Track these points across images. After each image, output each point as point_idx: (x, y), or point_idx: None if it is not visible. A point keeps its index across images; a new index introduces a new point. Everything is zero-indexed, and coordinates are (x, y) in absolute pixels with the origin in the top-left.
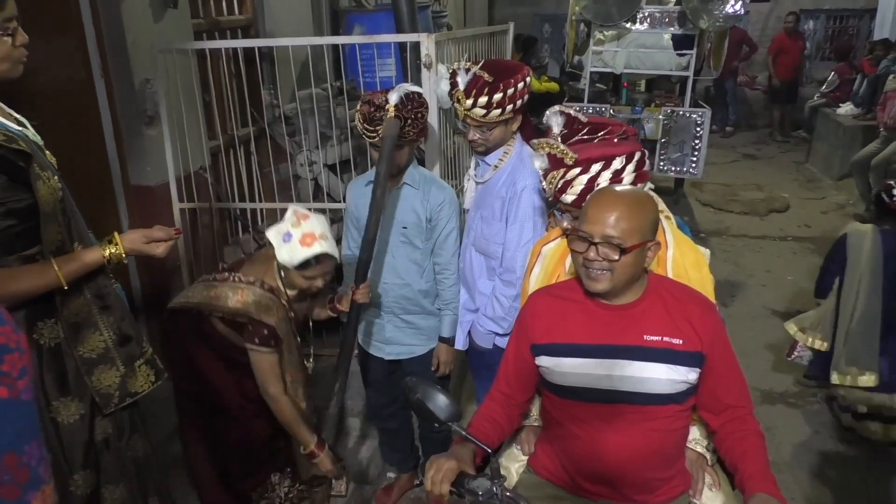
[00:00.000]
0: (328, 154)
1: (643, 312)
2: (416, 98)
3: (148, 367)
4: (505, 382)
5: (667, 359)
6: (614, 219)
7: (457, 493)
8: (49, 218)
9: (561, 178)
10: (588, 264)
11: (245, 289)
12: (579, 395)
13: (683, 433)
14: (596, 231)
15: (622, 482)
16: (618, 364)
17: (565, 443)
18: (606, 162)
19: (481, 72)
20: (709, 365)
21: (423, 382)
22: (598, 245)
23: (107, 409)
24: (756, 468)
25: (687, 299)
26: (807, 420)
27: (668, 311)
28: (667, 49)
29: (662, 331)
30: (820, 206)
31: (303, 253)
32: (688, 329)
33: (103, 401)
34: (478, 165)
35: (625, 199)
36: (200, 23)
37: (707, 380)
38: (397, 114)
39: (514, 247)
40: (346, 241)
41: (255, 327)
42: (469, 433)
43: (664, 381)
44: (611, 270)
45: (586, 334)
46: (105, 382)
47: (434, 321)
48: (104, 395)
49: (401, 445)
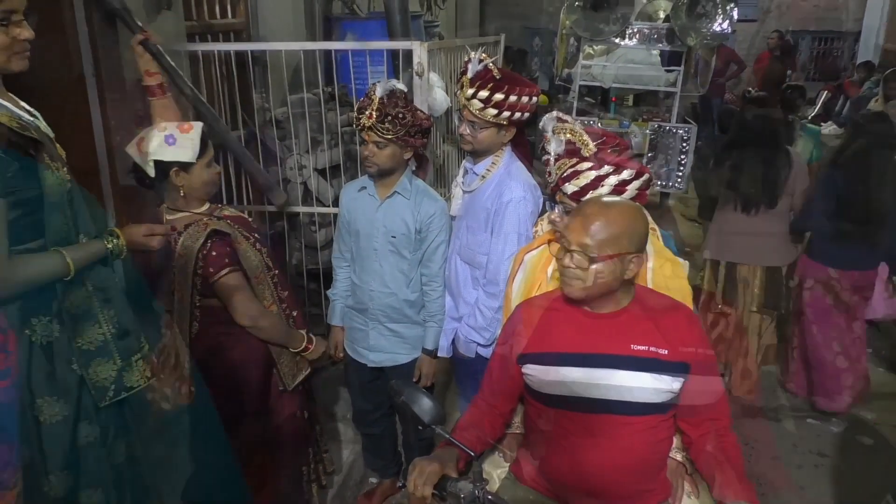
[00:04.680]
0: (318, 158)
1: (630, 322)
2: (401, 96)
3: (144, 363)
4: (489, 392)
5: (653, 368)
6: (592, 228)
7: (439, 496)
8: (54, 208)
9: (571, 166)
10: (563, 270)
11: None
12: (566, 403)
13: (666, 445)
14: (573, 238)
15: (604, 492)
16: (604, 373)
17: (548, 451)
18: (618, 168)
19: (493, 66)
20: (691, 376)
21: (408, 385)
22: (572, 252)
23: (101, 403)
24: (734, 476)
25: (672, 310)
26: (785, 434)
27: (655, 321)
28: (655, 65)
29: (649, 340)
30: None
31: (196, 134)
32: (673, 339)
33: (98, 394)
34: (466, 173)
35: (608, 209)
36: (193, 25)
37: (688, 390)
38: (380, 107)
39: (497, 259)
40: (338, 246)
41: (206, 258)
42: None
43: (650, 389)
44: (581, 279)
45: (574, 343)
46: (101, 375)
47: (419, 331)
48: (99, 388)
49: (384, 451)
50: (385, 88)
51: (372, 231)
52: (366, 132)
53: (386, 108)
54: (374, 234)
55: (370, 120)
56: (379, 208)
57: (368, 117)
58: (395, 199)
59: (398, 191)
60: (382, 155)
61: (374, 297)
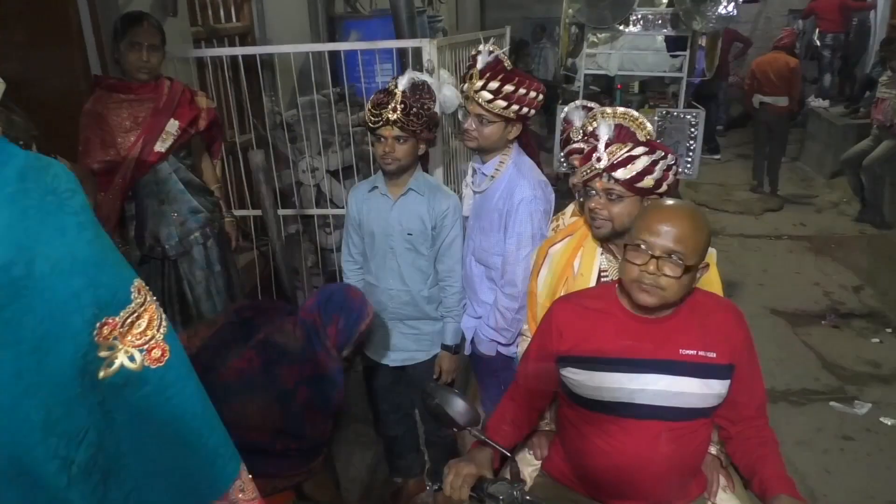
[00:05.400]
0: (330, 160)
1: (678, 326)
2: (424, 88)
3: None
4: (525, 388)
5: (701, 373)
6: (679, 234)
7: (476, 497)
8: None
9: (627, 151)
10: (642, 277)
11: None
12: (609, 408)
13: (706, 445)
14: (658, 244)
15: (644, 493)
16: (652, 378)
17: (586, 451)
18: (666, 153)
19: (504, 56)
20: (736, 376)
21: (441, 388)
22: (658, 259)
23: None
24: (775, 471)
25: (718, 309)
26: (809, 418)
27: (702, 324)
28: (660, 51)
29: (697, 345)
30: (814, 205)
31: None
32: (721, 341)
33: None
34: (474, 174)
35: (689, 214)
36: (199, 30)
37: (731, 389)
38: (404, 100)
39: (513, 260)
40: (347, 248)
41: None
42: (487, 437)
43: (697, 395)
44: (664, 287)
45: (619, 348)
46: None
47: (437, 326)
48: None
49: (406, 452)
50: (409, 80)
51: (388, 230)
52: (387, 128)
53: (410, 101)
54: (391, 233)
55: (395, 113)
56: (394, 207)
57: (393, 110)
58: (409, 196)
59: (412, 188)
60: (402, 150)
61: (393, 296)
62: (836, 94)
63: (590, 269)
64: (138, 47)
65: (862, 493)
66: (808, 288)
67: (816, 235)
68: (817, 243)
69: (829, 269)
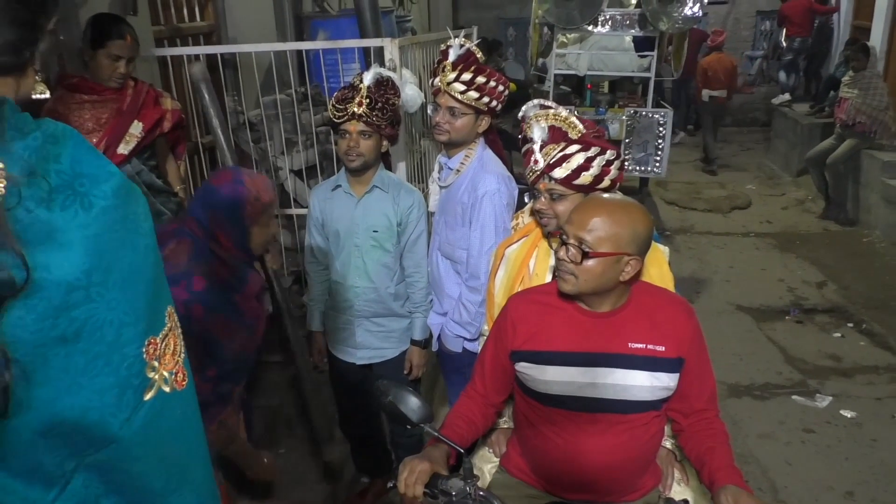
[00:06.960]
0: (294, 160)
1: (627, 319)
2: (389, 84)
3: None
4: (481, 383)
5: (650, 366)
6: (592, 223)
7: (430, 494)
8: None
9: (560, 150)
10: (558, 263)
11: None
12: (562, 402)
13: (659, 438)
14: (571, 231)
15: (599, 487)
16: (602, 372)
17: (541, 446)
18: (603, 149)
19: (476, 49)
20: (686, 368)
21: (394, 385)
22: (568, 245)
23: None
24: (723, 462)
25: (668, 304)
26: (772, 411)
27: (651, 318)
28: (628, 51)
29: (646, 338)
30: (780, 203)
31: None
32: (670, 335)
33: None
34: (441, 169)
35: (610, 207)
36: (162, 30)
37: (681, 383)
38: (369, 95)
39: (476, 253)
40: (310, 249)
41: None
42: (442, 434)
43: (646, 388)
44: (574, 274)
45: (570, 342)
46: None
47: (405, 323)
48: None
49: (373, 451)
50: (374, 76)
51: (352, 228)
52: (351, 122)
53: (375, 95)
54: (356, 231)
55: (360, 108)
56: (358, 205)
57: (358, 104)
58: (373, 193)
59: (377, 185)
60: (366, 145)
61: (359, 294)
62: (802, 93)
63: (544, 269)
64: (116, 59)
65: (822, 483)
66: (773, 284)
67: (782, 232)
68: (783, 240)
69: (794, 265)
